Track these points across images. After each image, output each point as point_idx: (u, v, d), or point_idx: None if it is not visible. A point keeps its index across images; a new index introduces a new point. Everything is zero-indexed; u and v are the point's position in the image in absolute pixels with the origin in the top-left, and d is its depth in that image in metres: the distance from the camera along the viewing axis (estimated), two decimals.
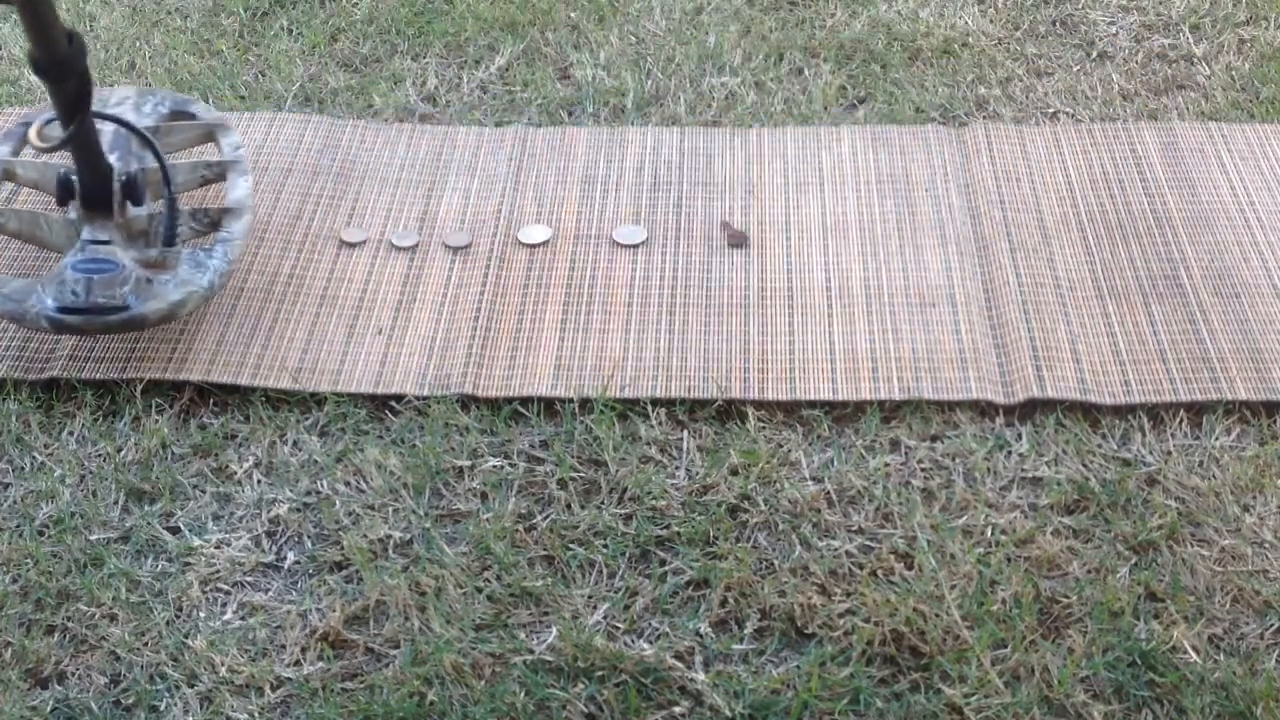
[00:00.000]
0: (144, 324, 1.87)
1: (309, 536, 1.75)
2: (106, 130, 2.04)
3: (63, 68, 1.78)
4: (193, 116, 2.20)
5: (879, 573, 1.67)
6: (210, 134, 2.18)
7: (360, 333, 1.99)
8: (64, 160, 2.07)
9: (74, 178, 1.95)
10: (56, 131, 1.91)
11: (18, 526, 1.76)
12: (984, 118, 2.36)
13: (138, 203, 1.97)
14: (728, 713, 1.54)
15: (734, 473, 1.79)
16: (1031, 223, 2.14)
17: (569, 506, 1.76)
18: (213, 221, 2.03)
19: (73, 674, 1.61)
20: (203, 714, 1.56)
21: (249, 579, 1.71)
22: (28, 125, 2.11)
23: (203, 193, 2.18)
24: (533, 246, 2.13)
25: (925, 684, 1.56)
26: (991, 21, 2.59)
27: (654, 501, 1.76)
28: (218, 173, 2.11)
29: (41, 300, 1.85)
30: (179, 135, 2.17)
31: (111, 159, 1.99)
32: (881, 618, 1.61)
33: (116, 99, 2.18)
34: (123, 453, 1.85)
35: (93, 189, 1.94)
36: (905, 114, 2.36)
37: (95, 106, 1.91)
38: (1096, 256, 2.08)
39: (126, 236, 1.95)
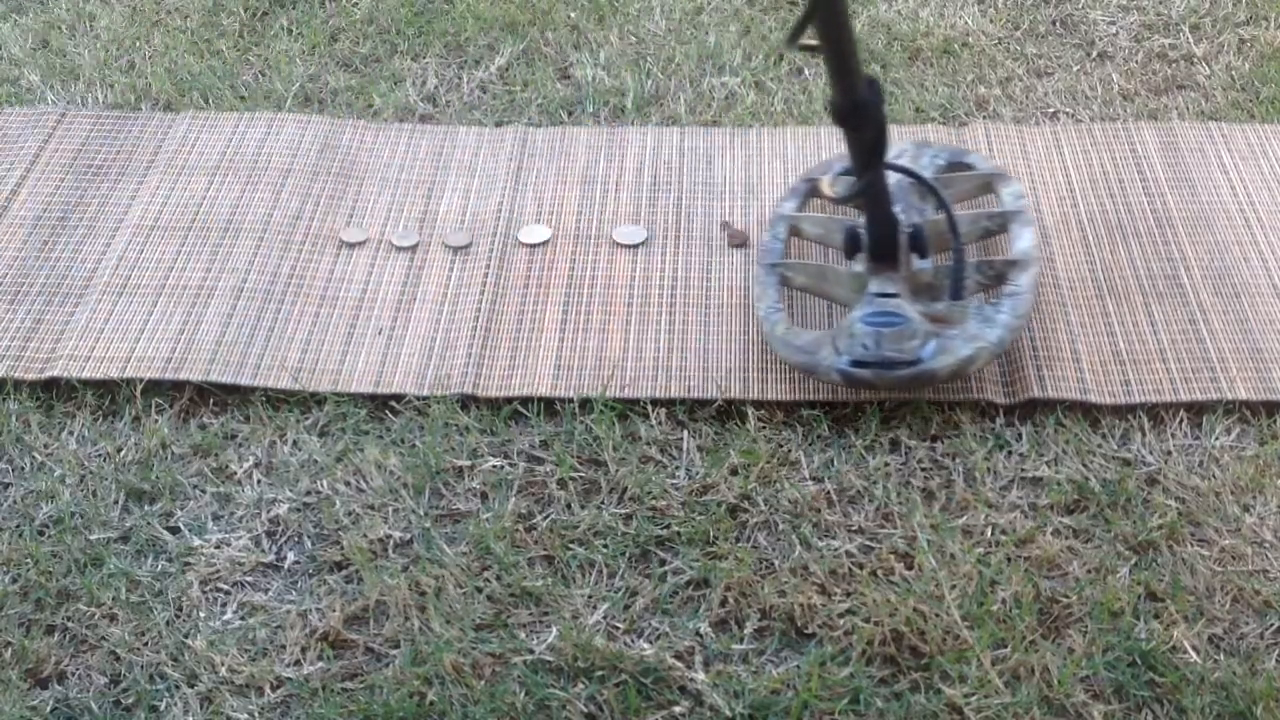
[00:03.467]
0: (933, 380, 1.83)
1: (309, 536, 1.75)
2: (888, 182, 1.97)
3: (863, 114, 1.74)
4: (970, 167, 2.15)
5: (879, 573, 1.67)
6: (989, 184, 2.11)
7: (360, 333, 1.99)
8: (845, 214, 2.05)
9: (862, 231, 1.92)
10: (846, 184, 1.90)
11: (18, 526, 1.76)
12: (984, 118, 2.36)
13: (924, 255, 1.93)
14: (728, 713, 1.54)
15: (734, 473, 1.79)
16: None
17: (569, 506, 1.76)
18: (998, 274, 1.95)
19: (73, 674, 1.61)
20: (203, 714, 1.56)
21: (249, 579, 1.71)
22: (812, 181, 2.10)
23: (986, 245, 2.10)
24: (533, 246, 2.13)
25: (925, 684, 1.56)
26: (991, 21, 2.59)
27: (654, 501, 1.76)
28: (999, 224, 2.03)
29: (833, 354, 1.83)
30: (959, 186, 2.10)
31: (894, 210, 1.94)
32: (881, 618, 1.61)
33: (895, 151, 2.11)
34: (123, 453, 1.85)
35: (880, 241, 1.90)
36: (905, 114, 2.36)
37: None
38: (1096, 256, 2.08)
39: (912, 290, 1.91)
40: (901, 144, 2.16)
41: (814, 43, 1.64)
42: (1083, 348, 1.94)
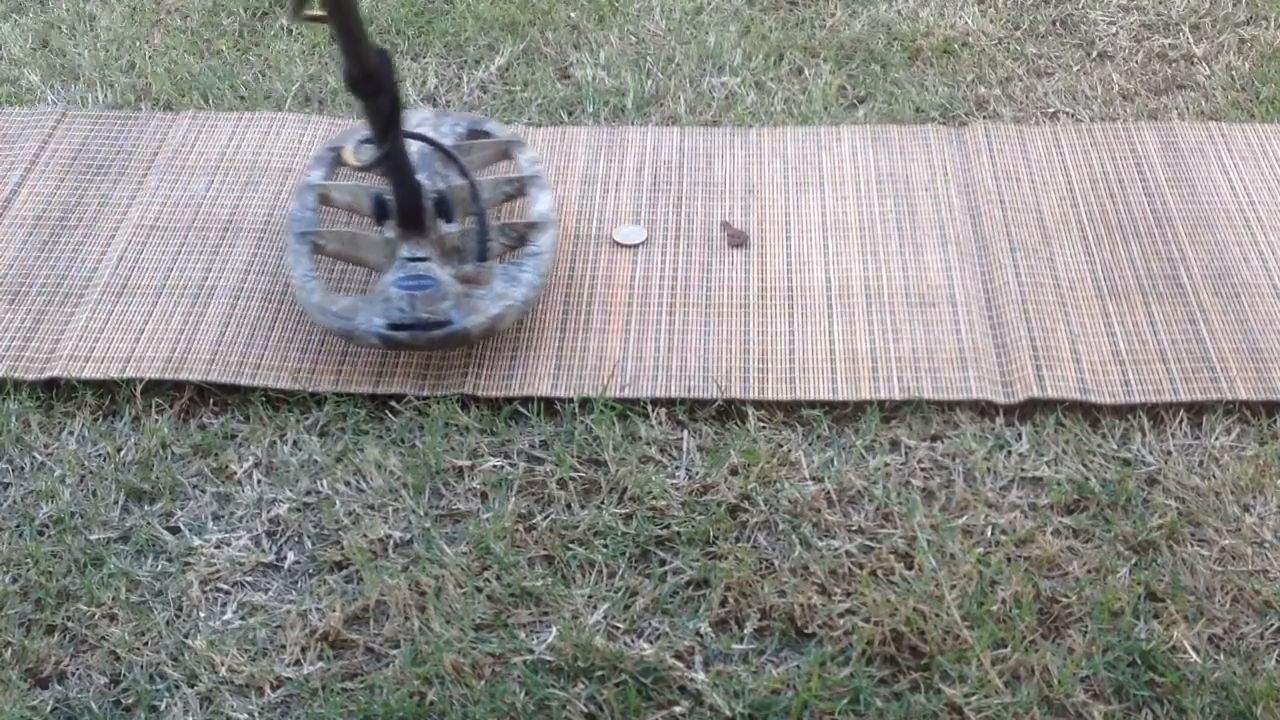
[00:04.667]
0: (467, 338, 1.89)
1: (309, 536, 1.75)
2: (412, 149, 2.04)
3: (376, 83, 1.80)
4: (488, 134, 2.22)
5: (879, 573, 1.67)
6: (507, 150, 2.20)
7: None
8: (374, 182, 2.10)
9: (388, 197, 1.96)
10: (369, 151, 1.94)
11: (18, 526, 1.76)
12: (984, 118, 2.36)
13: (449, 220, 1.99)
14: (728, 713, 1.54)
15: (734, 473, 1.79)
16: (1031, 223, 2.14)
17: (569, 506, 1.76)
18: (520, 236, 2.04)
19: (73, 674, 1.61)
20: (203, 714, 1.56)
21: (249, 579, 1.71)
22: (337, 150, 2.14)
23: (506, 209, 2.18)
24: None
25: (925, 684, 1.56)
26: (991, 21, 2.59)
27: (654, 501, 1.76)
28: (519, 187, 2.12)
29: (370, 318, 1.88)
30: (478, 153, 2.18)
31: (420, 178, 2.00)
32: (881, 618, 1.61)
33: (417, 120, 2.19)
34: (123, 453, 1.85)
35: (407, 207, 1.96)
36: (905, 114, 2.36)
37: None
38: (1096, 256, 2.08)
39: (441, 254, 1.97)
40: (422, 112, 2.23)
41: (319, 13, 1.69)
42: (1083, 348, 1.94)
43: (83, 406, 1.91)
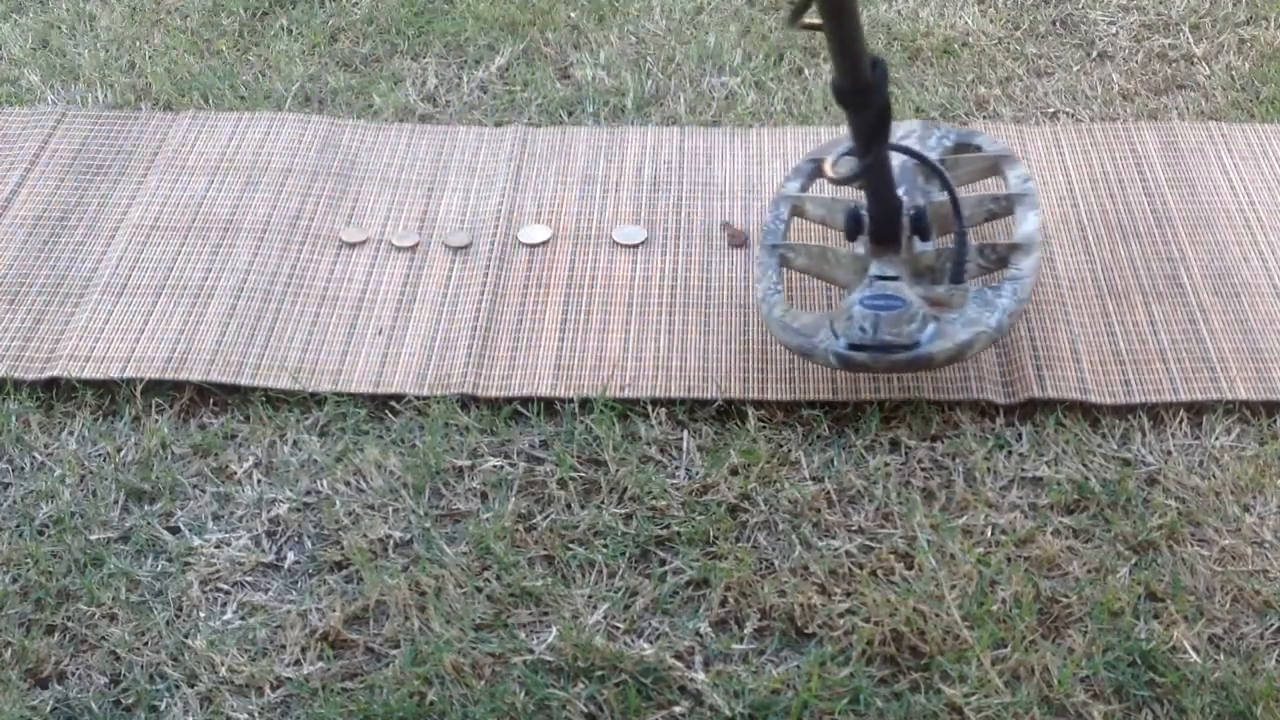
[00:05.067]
0: (930, 364, 1.81)
1: (309, 536, 1.75)
2: (893, 163, 1.96)
3: (867, 95, 1.71)
4: (978, 148, 2.13)
5: (879, 573, 1.67)
6: (996, 166, 2.09)
7: (360, 333, 1.99)
8: (848, 196, 2.03)
9: (864, 212, 1.90)
10: (850, 164, 1.87)
11: (18, 526, 1.76)
12: (984, 118, 2.36)
13: (925, 238, 1.91)
14: (728, 713, 1.54)
15: (734, 472, 1.79)
16: None
17: (569, 506, 1.76)
18: (1000, 258, 1.93)
19: (73, 674, 1.61)
20: (203, 714, 1.56)
21: (249, 579, 1.71)
22: (817, 161, 2.07)
23: (989, 229, 2.10)
24: (533, 246, 2.13)
25: (925, 684, 1.56)
26: (991, 21, 2.59)
27: (654, 501, 1.76)
28: (1005, 206, 2.02)
29: (830, 336, 1.81)
30: (965, 168, 2.08)
31: (899, 192, 1.92)
32: (881, 618, 1.61)
33: (902, 132, 2.11)
34: (123, 453, 1.85)
35: (882, 223, 1.89)
36: (905, 114, 2.36)
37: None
38: (1096, 256, 2.08)
39: (913, 273, 1.90)
40: (909, 123, 2.15)
41: (816, 21, 1.62)
42: (1083, 348, 1.94)
43: (83, 406, 1.91)
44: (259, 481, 1.81)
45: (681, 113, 2.39)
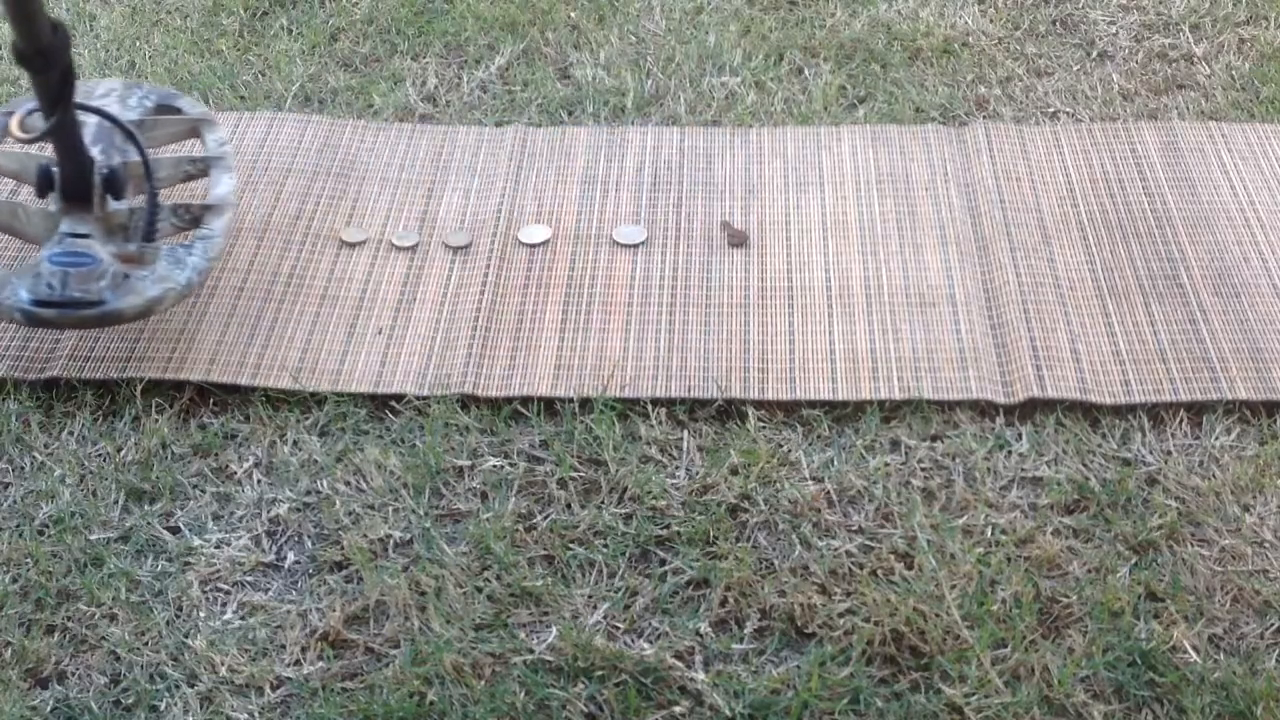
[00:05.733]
0: (119, 319, 1.85)
1: (309, 536, 1.75)
2: (91, 122, 2.02)
3: (46, 58, 1.76)
4: (179, 111, 2.18)
5: (879, 573, 1.67)
6: (196, 129, 2.16)
7: (360, 333, 1.99)
8: (47, 151, 2.05)
9: (55, 169, 1.93)
10: (38, 123, 1.89)
11: (18, 526, 1.76)
12: (984, 118, 2.36)
13: (118, 197, 1.96)
14: (728, 713, 1.54)
15: (734, 472, 1.79)
16: (1031, 223, 2.14)
17: (569, 506, 1.76)
18: (194, 218, 2.00)
19: (73, 674, 1.61)
20: (203, 714, 1.56)
21: (249, 579, 1.71)
22: (9, 115, 2.07)
23: (187, 189, 2.16)
24: (533, 246, 2.13)
25: (925, 684, 1.56)
26: (991, 21, 2.59)
27: (654, 501, 1.76)
28: (201, 168, 2.09)
29: (16, 292, 1.84)
30: (164, 129, 2.15)
31: (94, 152, 1.97)
32: (881, 618, 1.61)
33: (103, 90, 2.15)
34: (123, 453, 1.85)
35: (73, 181, 1.92)
36: (905, 114, 2.36)
37: (81, 97, 1.89)
38: (1096, 256, 2.08)
39: (106, 230, 1.93)
40: (110, 82, 2.19)
41: None
42: (1083, 348, 1.94)
43: (83, 406, 1.91)
44: (259, 481, 1.81)
45: (681, 113, 2.39)
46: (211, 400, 1.92)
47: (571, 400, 1.89)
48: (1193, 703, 1.53)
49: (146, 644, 1.63)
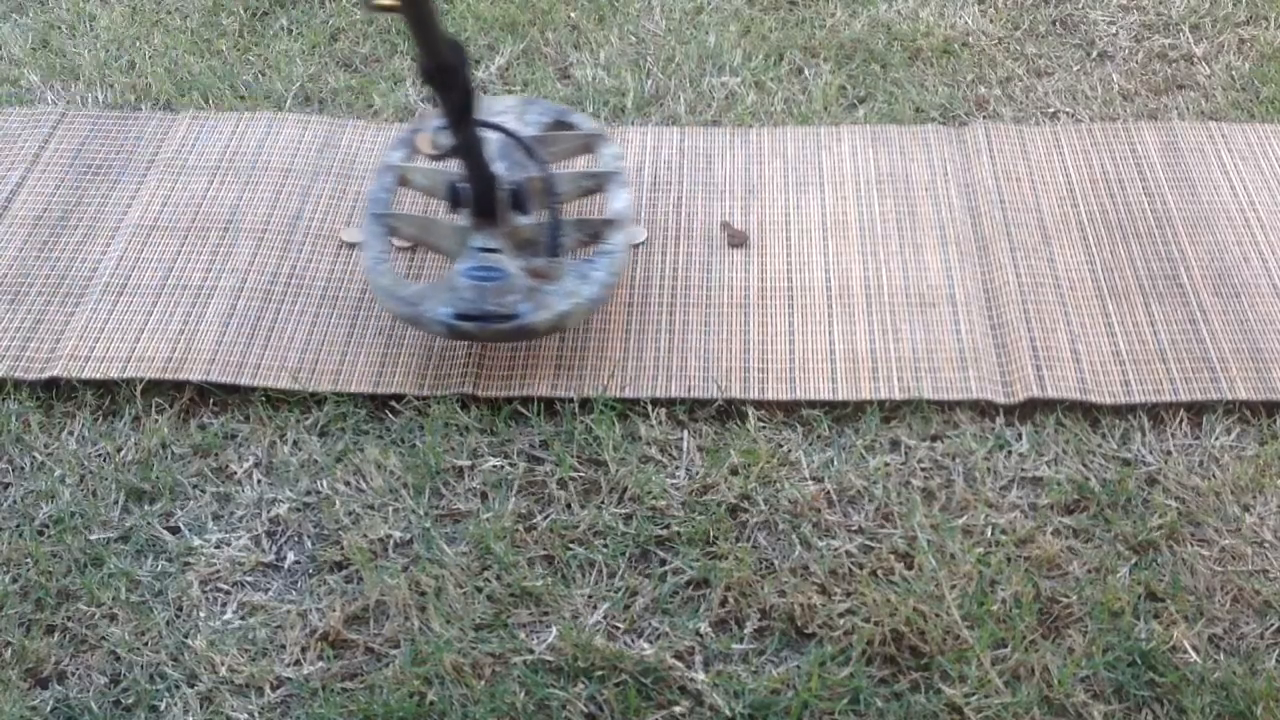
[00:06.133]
0: (532, 334, 1.88)
1: (309, 536, 1.75)
2: (495, 139, 2.03)
3: (448, 75, 1.78)
4: (572, 127, 2.19)
5: (879, 573, 1.67)
6: (589, 144, 2.17)
7: (360, 333, 1.99)
8: (459, 167, 2.05)
9: (464, 185, 1.95)
10: (446, 139, 1.92)
11: (18, 526, 1.76)
12: (984, 118, 2.36)
13: (524, 212, 1.97)
14: (728, 712, 1.54)
15: (734, 473, 1.79)
16: (1031, 223, 2.14)
17: (569, 506, 1.76)
18: (594, 232, 2.02)
19: (73, 674, 1.61)
20: (203, 714, 1.56)
21: (249, 579, 1.71)
22: (416, 132, 2.10)
23: (584, 204, 2.16)
24: None
25: (925, 684, 1.56)
26: (991, 21, 2.59)
27: (654, 501, 1.76)
28: (597, 183, 2.09)
29: (435, 307, 1.87)
30: (559, 145, 2.15)
31: (498, 168, 1.98)
32: (881, 618, 1.61)
33: (501, 107, 2.17)
34: (123, 453, 1.85)
35: (480, 197, 1.95)
36: (905, 114, 2.36)
37: (480, 115, 1.91)
38: (1096, 256, 2.08)
39: (513, 245, 1.95)
40: (508, 99, 2.21)
41: (391, 3, 1.67)
42: (1083, 348, 1.94)
43: (83, 406, 1.91)
44: (259, 481, 1.81)
45: (681, 113, 2.38)
46: (211, 400, 1.92)
47: (571, 400, 1.89)
48: (1193, 703, 1.53)
49: (146, 644, 1.63)
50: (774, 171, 2.25)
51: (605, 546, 1.72)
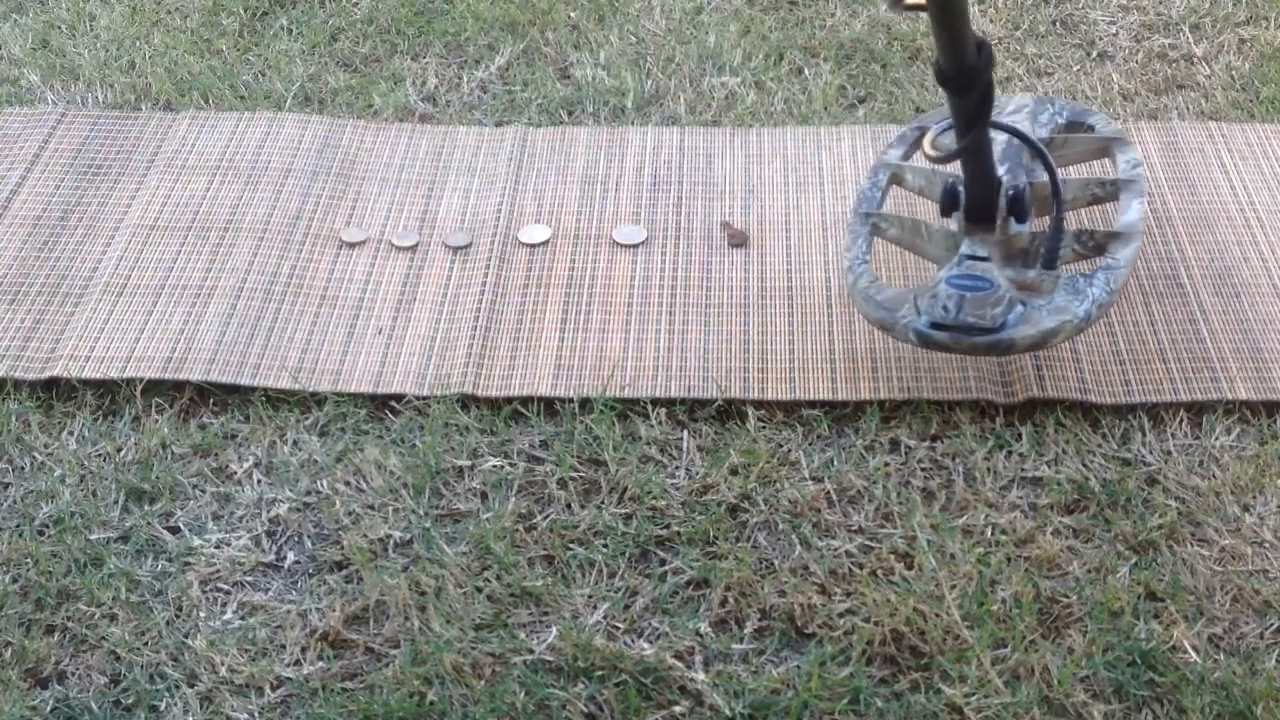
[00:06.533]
0: (1011, 349, 1.77)
1: (309, 536, 1.75)
2: (998, 140, 1.93)
3: (969, 78, 1.68)
4: (1091, 128, 2.08)
5: (879, 573, 1.67)
6: (1107, 149, 2.04)
7: (360, 333, 1.99)
8: (952, 169, 1.97)
9: (960, 189, 1.87)
10: (950, 141, 1.83)
11: (18, 526, 1.76)
12: None
13: (1022, 219, 1.87)
14: (728, 713, 1.54)
15: (734, 472, 1.79)
16: None
17: (569, 506, 1.76)
18: (1097, 245, 1.89)
19: (73, 674, 1.61)
20: (203, 714, 1.56)
21: (249, 579, 1.71)
22: (922, 130, 2.01)
23: (1088, 214, 2.08)
24: (533, 246, 2.13)
25: (925, 684, 1.56)
26: (991, 21, 2.59)
27: (654, 501, 1.76)
28: (1110, 192, 1.97)
29: (913, 313, 1.78)
30: (1073, 148, 2.04)
31: (1000, 171, 1.89)
32: (881, 618, 1.61)
33: (1013, 107, 2.07)
34: (123, 453, 1.85)
35: (978, 202, 1.86)
36: (905, 114, 2.36)
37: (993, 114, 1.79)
38: None
39: (1005, 254, 1.86)
40: (1021, 98, 2.10)
41: (920, 2, 1.58)
42: (1083, 348, 1.94)
43: (83, 406, 1.91)
44: (259, 481, 1.81)
45: (681, 113, 2.39)
46: (211, 400, 1.92)
47: (571, 400, 1.89)
48: (1193, 703, 1.53)
49: (146, 644, 1.63)
50: (774, 171, 2.25)
51: (605, 546, 1.72)
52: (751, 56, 2.51)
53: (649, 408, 1.88)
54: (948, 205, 1.89)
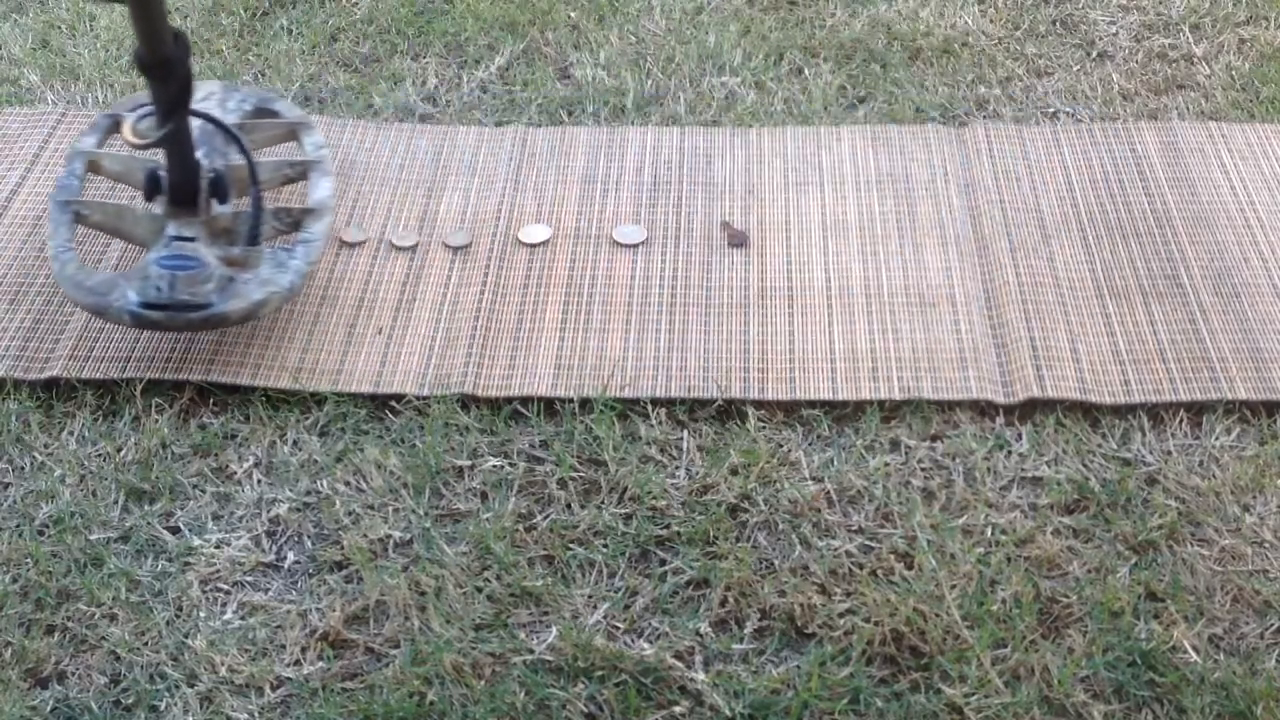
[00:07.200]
0: (225, 322, 1.88)
1: (309, 536, 1.75)
2: (194, 125, 2.02)
3: (168, 67, 1.78)
4: (276, 114, 2.20)
5: (879, 573, 1.67)
6: (293, 132, 2.18)
7: (360, 333, 1.99)
8: (149, 154, 2.05)
9: (162, 173, 1.95)
10: (149, 127, 1.91)
11: (18, 526, 1.76)
12: (984, 117, 2.36)
13: (224, 200, 1.98)
14: (728, 712, 1.54)
15: (734, 472, 1.79)
16: (1031, 223, 2.14)
17: (569, 506, 1.76)
18: (295, 221, 2.03)
19: (73, 674, 1.61)
20: (203, 714, 1.56)
21: (249, 579, 1.71)
22: (114, 118, 2.10)
23: (285, 192, 2.18)
24: (533, 246, 2.13)
25: (925, 684, 1.56)
26: (991, 21, 2.59)
27: (654, 501, 1.76)
28: (300, 172, 2.11)
29: (125, 295, 1.86)
30: (262, 133, 2.16)
31: (199, 154, 1.98)
32: (881, 618, 1.61)
33: (202, 94, 2.16)
34: (123, 453, 1.85)
35: (180, 185, 1.94)
36: (905, 114, 2.36)
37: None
38: (1096, 256, 2.08)
39: (210, 234, 1.96)
40: (209, 84, 2.20)
41: None
42: (1083, 348, 1.94)
43: (83, 406, 1.91)
44: (259, 481, 1.81)
45: (681, 113, 2.39)
46: (211, 400, 1.92)
47: (571, 400, 1.89)
48: (1193, 703, 1.53)
49: (146, 644, 1.63)
50: (774, 171, 2.25)
51: (605, 546, 1.72)
52: (751, 56, 2.51)
53: (649, 408, 1.88)
54: (151, 190, 1.96)
